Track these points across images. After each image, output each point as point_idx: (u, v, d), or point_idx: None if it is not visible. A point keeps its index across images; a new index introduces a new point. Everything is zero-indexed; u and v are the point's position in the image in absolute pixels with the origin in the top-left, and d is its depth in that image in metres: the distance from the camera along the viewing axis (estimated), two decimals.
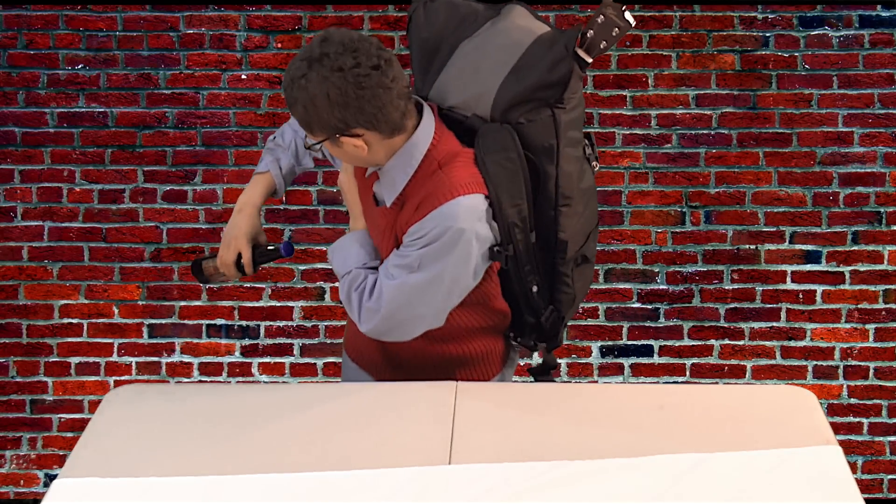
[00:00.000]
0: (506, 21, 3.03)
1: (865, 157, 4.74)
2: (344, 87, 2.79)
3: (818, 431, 2.79)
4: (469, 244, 2.89)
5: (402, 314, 2.95)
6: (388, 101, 2.83)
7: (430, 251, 2.89)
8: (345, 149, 2.89)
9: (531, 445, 2.73)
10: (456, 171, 2.90)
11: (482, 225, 2.90)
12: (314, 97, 2.80)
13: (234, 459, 2.68)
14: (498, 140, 2.93)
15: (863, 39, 4.70)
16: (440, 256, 2.89)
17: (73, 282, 4.80)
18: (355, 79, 2.79)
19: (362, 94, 2.80)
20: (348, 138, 2.85)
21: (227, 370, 4.84)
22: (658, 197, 4.77)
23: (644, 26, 4.73)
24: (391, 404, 2.92)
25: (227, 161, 4.78)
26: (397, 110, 2.85)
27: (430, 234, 2.88)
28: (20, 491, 4.85)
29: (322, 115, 2.82)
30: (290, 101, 2.86)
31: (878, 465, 4.83)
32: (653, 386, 3.13)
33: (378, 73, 2.80)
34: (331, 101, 2.79)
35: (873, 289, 4.78)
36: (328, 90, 2.79)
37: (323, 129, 2.85)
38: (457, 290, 2.96)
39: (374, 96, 2.80)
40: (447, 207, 2.87)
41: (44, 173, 4.78)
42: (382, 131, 2.86)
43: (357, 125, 2.84)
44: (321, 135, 2.87)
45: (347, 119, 2.82)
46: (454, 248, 2.88)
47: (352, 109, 2.81)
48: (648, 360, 4.82)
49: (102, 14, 4.74)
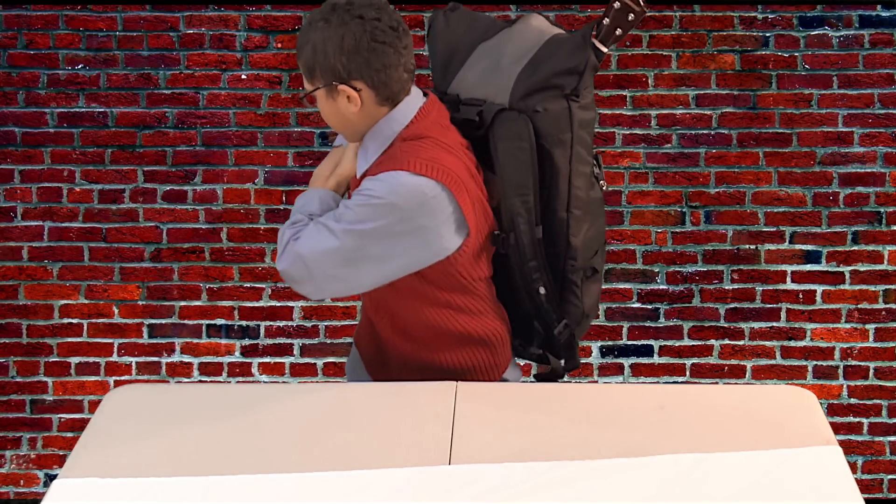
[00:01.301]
0: (523, 24, 3.09)
1: (865, 157, 4.74)
2: (359, 35, 2.83)
3: (818, 431, 2.79)
4: (396, 221, 2.84)
5: (314, 263, 2.89)
6: (394, 65, 2.87)
7: (356, 210, 2.86)
8: (338, 102, 2.89)
9: (531, 445, 2.73)
10: (413, 149, 2.88)
11: (421, 209, 2.84)
12: (327, 39, 2.84)
13: (234, 459, 2.68)
14: (512, 128, 2.94)
15: (863, 39, 4.70)
16: (363, 220, 2.85)
17: (73, 282, 4.80)
18: (372, 30, 2.84)
19: (374, 47, 2.84)
20: (346, 88, 2.86)
21: (227, 370, 4.84)
22: (658, 197, 4.78)
23: (644, 26, 4.73)
24: (391, 404, 2.92)
25: (227, 161, 4.78)
26: (398, 81, 2.89)
27: (362, 195, 2.86)
28: (20, 491, 4.85)
29: (329, 59, 2.85)
30: (300, 44, 2.89)
31: (878, 465, 4.83)
32: (653, 386, 3.13)
33: (394, 34, 2.87)
34: (343, 45, 2.84)
35: (873, 289, 4.78)
36: (343, 34, 2.83)
37: (325, 74, 2.87)
38: (375, 266, 2.89)
39: (384, 54, 2.85)
40: (386, 176, 2.85)
41: (44, 173, 4.78)
42: (379, 93, 2.88)
43: (359, 77, 2.86)
44: (320, 81, 2.88)
45: (352, 67, 2.85)
46: (379, 219, 2.84)
47: (359, 59, 2.84)
48: (648, 360, 4.82)
49: (102, 14, 4.74)
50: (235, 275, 4.81)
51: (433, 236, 2.88)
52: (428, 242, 2.89)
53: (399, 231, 2.86)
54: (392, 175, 2.85)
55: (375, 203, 2.84)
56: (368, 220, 2.85)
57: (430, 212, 2.86)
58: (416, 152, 2.88)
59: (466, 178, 2.91)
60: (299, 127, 4.77)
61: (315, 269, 2.91)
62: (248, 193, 4.79)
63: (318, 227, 2.91)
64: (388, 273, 2.92)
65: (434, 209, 2.86)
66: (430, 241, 2.89)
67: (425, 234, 2.88)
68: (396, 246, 2.88)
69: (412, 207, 2.84)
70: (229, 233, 4.80)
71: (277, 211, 4.79)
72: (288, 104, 4.76)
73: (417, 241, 2.88)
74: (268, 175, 4.79)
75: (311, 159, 4.77)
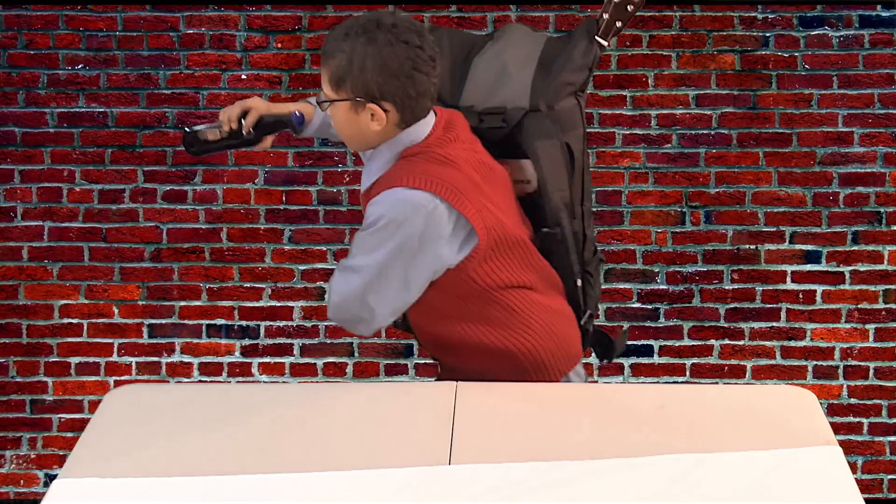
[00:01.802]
0: (511, 33, 3.19)
1: (865, 157, 4.74)
2: (403, 61, 2.85)
3: (818, 431, 2.79)
4: (404, 238, 2.88)
5: (352, 305, 2.96)
6: (425, 93, 2.90)
7: (365, 241, 2.91)
8: (360, 116, 2.91)
9: (531, 445, 2.73)
10: (408, 165, 2.92)
11: (423, 221, 2.88)
12: (368, 56, 2.85)
13: (234, 459, 2.68)
14: (543, 127, 3.05)
15: (863, 39, 4.71)
16: (375, 248, 2.90)
17: (73, 282, 4.80)
18: (415, 57, 2.86)
19: (412, 75, 2.86)
20: (375, 107, 2.88)
21: (227, 370, 4.84)
22: (658, 197, 4.78)
23: (644, 26, 4.73)
24: (391, 404, 2.92)
25: (227, 161, 4.78)
26: (424, 108, 2.93)
27: (366, 223, 2.91)
28: (20, 491, 4.85)
29: (366, 76, 2.86)
30: (331, 50, 2.90)
31: (878, 465, 4.83)
32: (653, 386, 3.13)
33: (431, 64, 2.90)
34: (384, 67, 2.85)
35: (873, 289, 4.78)
36: (388, 56, 2.85)
37: (356, 89, 2.88)
38: (401, 287, 2.94)
39: (420, 82, 2.87)
40: (383, 196, 2.89)
41: (44, 173, 4.78)
42: (404, 116, 2.92)
43: (392, 99, 2.88)
44: (348, 94, 2.90)
45: (388, 89, 2.87)
46: (387, 241, 2.88)
47: (397, 83, 2.86)
48: (648, 360, 4.82)
49: (102, 14, 4.74)
50: (235, 275, 4.81)
51: (441, 246, 2.92)
52: (437, 252, 2.92)
53: (409, 247, 2.90)
54: (388, 193, 2.89)
55: (380, 226, 2.89)
56: (379, 246, 2.90)
57: (432, 223, 2.89)
58: (410, 168, 2.91)
59: (468, 186, 2.93)
60: None
61: (355, 311, 2.97)
62: (248, 193, 4.79)
63: (342, 272, 2.97)
64: (416, 289, 2.96)
65: (435, 220, 2.89)
66: (439, 251, 2.92)
67: (434, 245, 2.91)
68: (409, 262, 2.92)
69: (414, 221, 2.88)
70: (229, 233, 4.80)
71: (277, 211, 4.79)
72: None
73: (428, 253, 2.91)
74: (268, 175, 4.79)
75: (311, 159, 4.77)
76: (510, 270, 3.02)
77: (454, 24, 4.72)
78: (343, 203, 4.76)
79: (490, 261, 2.97)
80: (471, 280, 2.97)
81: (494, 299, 3.01)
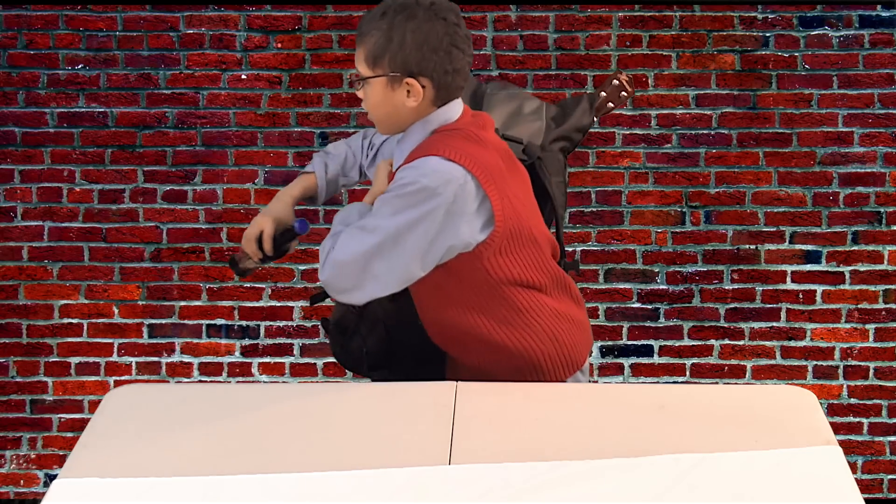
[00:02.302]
0: (506, 89, 3.41)
1: (865, 157, 4.74)
2: (441, 36, 2.90)
3: (818, 431, 2.79)
4: (430, 206, 2.87)
5: (354, 267, 2.92)
6: (461, 71, 2.95)
7: (390, 203, 2.90)
8: (396, 93, 2.93)
9: (531, 445, 2.73)
10: (446, 138, 2.93)
11: (452, 193, 2.88)
12: (410, 31, 2.88)
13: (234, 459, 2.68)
14: (556, 164, 3.28)
15: (863, 39, 4.70)
16: (398, 210, 2.89)
17: (73, 282, 4.80)
18: (453, 34, 2.92)
19: (450, 50, 2.91)
20: (413, 81, 2.91)
21: (227, 370, 4.84)
22: (658, 197, 4.78)
23: (644, 26, 4.73)
24: (391, 404, 2.92)
25: (227, 161, 4.78)
26: (458, 87, 2.97)
27: (395, 185, 2.91)
28: (20, 491, 4.85)
29: (406, 51, 2.89)
30: (366, 30, 2.92)
31: (878, 465, 4.83)
32: (653, 386, 3.13)
33: (468, 41, 2.96)
34: (426, 42, 2.89)
35: (873, 289, 4.78)
36: (428, 31, 2.89)
37: (394, 65, 2.90)
38: (412, 258, 2.91)
39: (457, 58, 2.93)
40: (418, 162, 2.90)
41: (44, 173, 4.78)
42: (439, 94, 2.95)
43: (430, 74, 2.91)
44: (386, 70, 2.92)
45: (426, 64, 2.90)
46: (413, 206, 2.88)
47: (436, 58, 2.90)
48: (648, 360, 4.82)
49: (102, 14, 4.74)
50: (235, 275, 4.81)
51: (463, 223, 2.92)
52: (458, 229, 2.91)
53: (434, 217, 2.89)
54: (423, 161, 2.90)
55: (409, 190, 2.88)
56: (404, 210, 2.89)
57: (460, 198, 2.89)
58: (447, 141, 2.93)
59: (497, 171, 2.95)
60: (299, 127, 4.77)
61: (355, 274, 2.94)
62: (248, 193, 4.79)
63: (353, 231, 2.95)
64: (426, 263, 2.94)
65: (464, 195, 2.90)
66: (459, 227, 2.91)
67: (457, 220, 2.91)
68: (430, 233, 2.90)
69: (443, 191, 2.88)
70: (229, 233, 4.80)
71: None
72: (288, 104, 4.76)
73: (449, 227, 2.90)
74: (268, 175, 4.79)
75: (310, 159, 4.76)
76: (522, 268, 3.03)
77: None
78: (343, 203, 4.75)
79: (504, 254, 2.98)
80: (484, 270, 2.98)
81: (503, 295, 3.02)
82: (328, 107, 4.76)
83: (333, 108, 4.76)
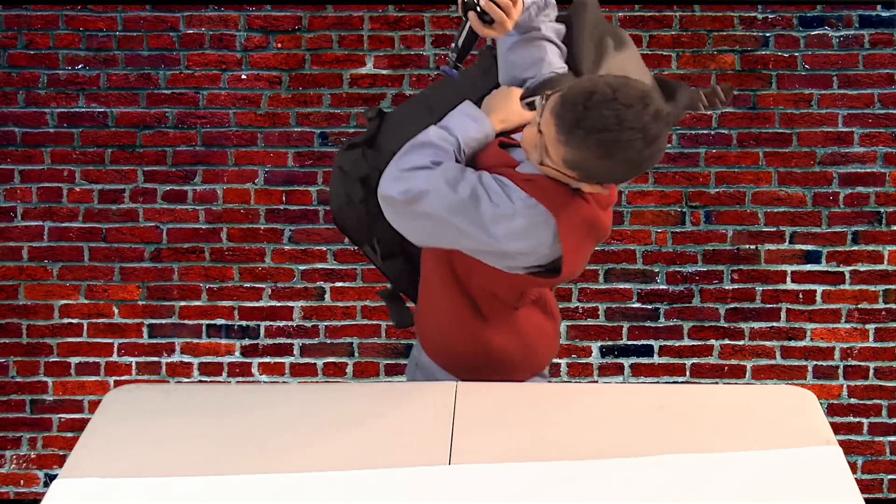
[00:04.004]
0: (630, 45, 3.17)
1: (865, 157, 4.74)
2: (626, 159, 2.67)
3: (818, 431, 2.79)
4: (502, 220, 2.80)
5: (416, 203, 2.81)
6: None
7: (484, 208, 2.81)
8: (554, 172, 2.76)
9: (531, 445, 2.73)
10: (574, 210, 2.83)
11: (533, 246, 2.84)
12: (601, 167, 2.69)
13: (234, 459, 2.68)
14: None
15: (863, 39, 4.71)
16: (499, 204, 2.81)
17: (73, 282, 4.80)
18: (637, 154, 2.67)
19: (627, 164, 2.69)
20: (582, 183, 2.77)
21: (227, 370, 4.84)
22: (658, 197, 4.78)
23: (644, 26, 4.73)
24: (391, 404, 2.92)
25: (227, 161, 4.79)
26: None
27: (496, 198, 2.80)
28: (20, 491, 4.85)
29: (591, 174, 2.72)
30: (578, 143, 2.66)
31: (878, 465, 4.83)
32: (653, 386, 3.13)
33: (647, 143, 2.69)
34: (611, 171, 2.69)
35: (873, 289, 4.78)
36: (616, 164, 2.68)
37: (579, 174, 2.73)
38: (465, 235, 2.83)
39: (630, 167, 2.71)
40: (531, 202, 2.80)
41: (44, 173, 4.78)
42: None
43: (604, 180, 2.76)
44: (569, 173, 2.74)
45: (604, 177, 2.74)
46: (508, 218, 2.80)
47: (615, 172, 2.71)
48: (648, 360, 4.82)
49: (102, 14, 4.74)
50: (235, 275, 4.81)
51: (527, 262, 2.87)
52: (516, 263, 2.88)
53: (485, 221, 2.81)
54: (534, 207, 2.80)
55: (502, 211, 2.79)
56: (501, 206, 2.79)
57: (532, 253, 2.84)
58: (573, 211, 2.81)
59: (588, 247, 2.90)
60: (299, 127, 4.77)
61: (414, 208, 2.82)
62: (248, 193, 4.79)
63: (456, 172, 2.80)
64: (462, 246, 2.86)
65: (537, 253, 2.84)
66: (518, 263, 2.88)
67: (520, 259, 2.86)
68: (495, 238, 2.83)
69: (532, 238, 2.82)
70: (229, 233, 4.80)
71: (277, 211, 4.79)
72: (288, 104, 4.76)
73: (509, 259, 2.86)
74: (268, 175, 4.79)
75: (311, 159, 4.77)
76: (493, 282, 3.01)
77: (454, 25, 4.72)
78: None
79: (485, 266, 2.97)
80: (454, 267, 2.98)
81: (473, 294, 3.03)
82: (328, 107, 4.76)
83: (333, 108, 4.76)
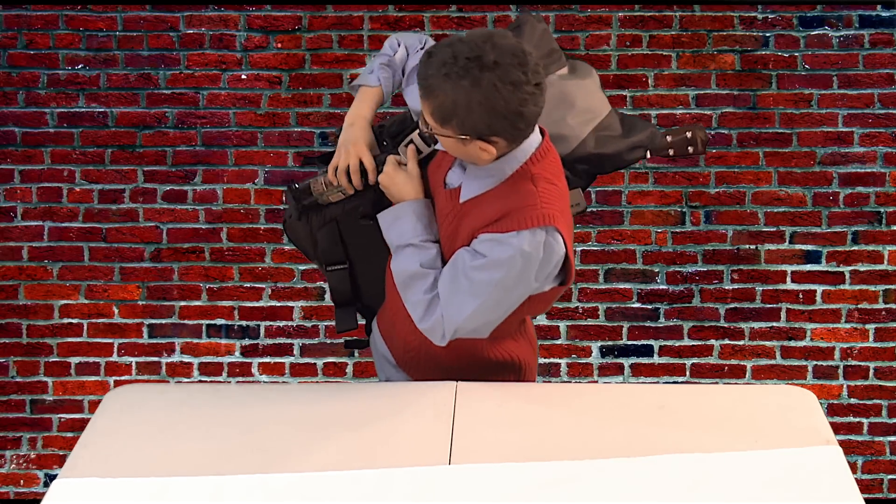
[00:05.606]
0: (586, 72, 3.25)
1: (865, 157, 4.75)
2: (510, 100, 2.73)
3: (818, 431, 2.79)
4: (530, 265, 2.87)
5: (465, 325, 2.94)
6: (533, 122, 2.81)
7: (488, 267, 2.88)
8: (469, 147, 2.82)
9: (531, 445, 2.73)
10: (541, 199, 2.88)
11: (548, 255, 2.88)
12: (475, 101, 2.74)
13: (234, 459, 2.68)
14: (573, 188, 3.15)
15: (863, 39, 4.71)
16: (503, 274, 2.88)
17: (73, 282, 4.80)
18: (521, 95, 2.74)
19: (521, 111, 2.75)
20: (484, 143, 2.81)
21: (227, 370, 4.84)
22: (658, 197, 4.78)
23: (644, 26, 4.73)
24: (391, 404, 2.92)
25: (227, 161, 4.79)
26: (534, 128, 2.87)
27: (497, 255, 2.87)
28: (20, 491, 4.85)
29: (473, 118, 2.76)
30: (433, 87, 2.76)
31: (878, 465, 4.83)
32: (653, 386, 3.13)
33: (539, 94, 2.78)
34: (493, 109, 2.74)
35: (873, 289, 4.78)
36: (495, 100, 2.73)
37: (462, 129, 2.78)
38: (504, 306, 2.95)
39: (530, 114, 2.78)
40: (530, 233, 2.85)
41: (44, 173, 4.78)
42: (513, 143, 2.84)
43: (501, 134, 2.79)
44: (455, 131, 2.80)
45: (496, 127, 2.77)
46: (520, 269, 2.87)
47: (507, 121, 2.76)
48: (648, 360, 4.82)
49: (102, 14, 4.74)
50: (235, 275, 4.81)
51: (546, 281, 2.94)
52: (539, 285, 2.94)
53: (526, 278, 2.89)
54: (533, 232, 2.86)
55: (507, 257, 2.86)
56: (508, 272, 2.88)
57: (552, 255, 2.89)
58: (543, 203, 2.87)
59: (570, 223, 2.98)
60: (299, 127, 4.77)
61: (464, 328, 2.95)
62: (248, 193, 4.79)
63: (456, 288, 2.92)
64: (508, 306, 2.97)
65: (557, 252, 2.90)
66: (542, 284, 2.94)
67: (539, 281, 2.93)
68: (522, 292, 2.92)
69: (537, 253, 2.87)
70: (229, 233, 4.80)
71: (277, 211, 4.79)
72: (288, 104, 4.76)
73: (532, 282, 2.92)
74: (268, 175, 4.79)
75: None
76: None
77: (454, 25, 4.72)
78: None
79: None
80: None
81: None
82: (328, 107, 4.77)
83: (333, 108, 4.76)
